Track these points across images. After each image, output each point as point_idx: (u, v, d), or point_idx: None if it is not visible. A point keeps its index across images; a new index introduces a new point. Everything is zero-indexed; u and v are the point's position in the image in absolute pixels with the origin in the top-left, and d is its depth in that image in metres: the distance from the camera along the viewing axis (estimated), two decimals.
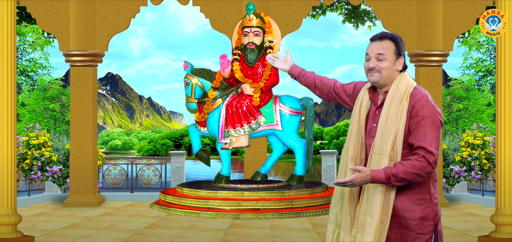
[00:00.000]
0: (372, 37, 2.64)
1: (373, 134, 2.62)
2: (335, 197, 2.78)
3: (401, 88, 2.57)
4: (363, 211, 2.58)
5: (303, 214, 7.12)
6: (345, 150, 2.74)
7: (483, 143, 8.63)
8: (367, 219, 2.55)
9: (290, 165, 21.27)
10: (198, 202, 7.29)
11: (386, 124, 2.55)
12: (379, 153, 2.54)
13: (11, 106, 5.01)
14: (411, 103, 2.53)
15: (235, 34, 7.84)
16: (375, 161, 2.55)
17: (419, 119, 2.49)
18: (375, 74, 2.58)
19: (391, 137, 2.52)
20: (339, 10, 15.26)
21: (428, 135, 2.47)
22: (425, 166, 2.45)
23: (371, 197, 2.55)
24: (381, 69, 2.57)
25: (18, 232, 5.09)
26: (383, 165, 2.51)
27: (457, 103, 14.78)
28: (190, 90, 7.72)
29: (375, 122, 2.63)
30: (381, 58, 2.57)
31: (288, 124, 7.70)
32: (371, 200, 2.55)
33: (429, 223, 2.57)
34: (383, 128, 2.55)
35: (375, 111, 2.66)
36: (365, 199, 2.58)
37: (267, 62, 7.55)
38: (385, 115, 2.55)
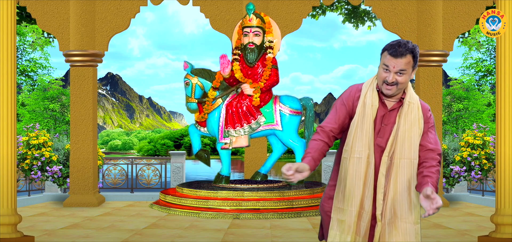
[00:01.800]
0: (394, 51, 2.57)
1: (382, 134, 2.64)
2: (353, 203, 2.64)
3: (414, 96, 2.70)
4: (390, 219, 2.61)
5: (303, 214, 7.12)
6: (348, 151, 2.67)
7: (483, 143, 8.63)
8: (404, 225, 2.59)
9: None
10: (198, 202, 7.29)
11: (409, 130, 2.63)
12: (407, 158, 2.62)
13: (11, 106, 5.01)
14: (425, 112, 2.70)
15: (235, 34, 7.84)
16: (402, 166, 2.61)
17: (429, 126, 2.69)
18: (392, 88, 2.60)
19: (416, 143, 2.63)
20: (339, 10, 15.27)
21: (437, 139, 2.73)
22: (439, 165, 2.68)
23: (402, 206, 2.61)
24: (399, 83, 2.60)
25: (18, 232, 5.09)
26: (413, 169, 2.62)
27: (457, 103, 14.78)
28: (190, 90, 7.72)
29: (386, 123, 2.65)
30: (402, 73, 2.59)
31: (288, 124, 7.70)
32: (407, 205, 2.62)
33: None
34: (405, 135, 2.62)
35: (385, 112, 2.66)
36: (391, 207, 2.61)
37: (267, 62, 7.55)
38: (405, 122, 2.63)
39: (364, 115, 2.65)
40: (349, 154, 2.66)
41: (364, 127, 2.64)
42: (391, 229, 2.57)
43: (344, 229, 2.64)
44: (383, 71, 2.60)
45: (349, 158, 2.65)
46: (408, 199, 2.58)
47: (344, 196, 2.66)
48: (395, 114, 2.65)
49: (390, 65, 2.57)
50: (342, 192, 2.68)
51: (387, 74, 2.58)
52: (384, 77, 2.59)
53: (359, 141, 2.63)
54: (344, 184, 2.67)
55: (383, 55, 2.61)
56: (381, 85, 2.63)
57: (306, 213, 7.13)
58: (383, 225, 2.59)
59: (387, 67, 2.58)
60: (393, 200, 2.58)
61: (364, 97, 2.67)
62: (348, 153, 2.67)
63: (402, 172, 2.59)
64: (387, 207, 2.59)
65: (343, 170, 2.68)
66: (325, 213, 2.80)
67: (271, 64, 7.56)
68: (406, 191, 2.58)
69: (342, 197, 2.68)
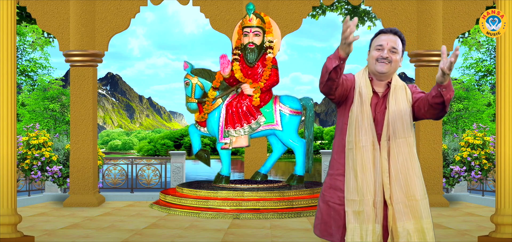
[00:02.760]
0: (384, 29, 2.78)
1: (378, 122, 2.73)
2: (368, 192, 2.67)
3: (399, 80, 2.82)
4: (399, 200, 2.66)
5: (303, 214, 7.11)
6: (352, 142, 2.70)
7: (483, 143, 8.63)
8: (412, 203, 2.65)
9: (290, 165, 21.27)
10: (198, 202, 7.29)
11: (399, 109, 2.71)
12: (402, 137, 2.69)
13: (11, 106, 5.01)
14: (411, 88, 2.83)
15: (235, 34, 7.84)
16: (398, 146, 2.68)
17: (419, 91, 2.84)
18: (386, 65, 2.72)
19: (408, 120, 2.71)
20: (339, 10, 15.27)
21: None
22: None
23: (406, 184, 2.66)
24: (392, 60, 2.73)
25: (18, 232, 5.09)
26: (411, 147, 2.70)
27: (457, 103, 14.78)
28: (190, 90, 7.72)
29: (379, 110, 2.74)
30: (394, 51, 2.73)
31: (288, 124, 7.70)
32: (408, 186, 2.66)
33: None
34: (396, 114, 2.70)
35: (377, 101, 2.76)
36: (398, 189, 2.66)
37: (267, 62, 7.55)
38: (395, 102, 2.72)
39: (362, 104, 2.73)
40: (354, 145, 2.70)
41: (364, 116, 2.71)
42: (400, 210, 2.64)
43: (363, 219, 2.65)
44: (376, 51, 2.74)
45: (355, 149, 2.69)
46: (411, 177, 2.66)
47: (357, 187, 2.67)
48: (385, 101, 2.76)
49: (383, 42, 2.73)
50: (353, 184, 2.68)
51: (381, 51, 2.73)
52: (377, 55, 2.73)
53: (361, 130, 2.70)
54: (354, 175, 2.68)
55: (375, 39, 2.78)
56: (373, 65, 2.75)
57: (306, 213, 7.12)
58: (393, 207, 2.65)
59: (380, 46, 2.73)
60: (396, 181, 2.65)
61: (359, 88, 2.76)
62: (352, 144, 2.71)
63: (399, 152, 2.67)
64: (392, 190, 2.65)
65: (351, 162, 2.70)
66: (325, 202, 2.78)
67: (271, 64, 7.56)
68: (407, 171, 2.66)
69: (354, 189, 2.68)
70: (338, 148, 2.81)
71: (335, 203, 2.75)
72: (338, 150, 2.81)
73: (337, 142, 2.83)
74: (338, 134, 2.82)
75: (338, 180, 2.77)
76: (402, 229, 2.64)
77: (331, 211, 2.75)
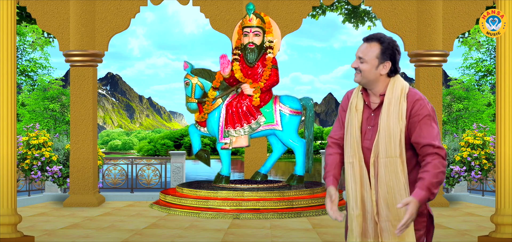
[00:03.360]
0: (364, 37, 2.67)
1: (368, 136, 2.63)
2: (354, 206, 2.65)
3: (397, 90, 2.60)
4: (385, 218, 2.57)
5: (303, 214, 7.11)
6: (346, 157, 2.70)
7: (483, 143, 8.63)
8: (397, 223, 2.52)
9: (290, 165, 21.27)
10: (198, 202, 7.29)
11: (388, 126, 2.55)
12: (389, 157, 2.54)
13: (11, 106, 5.01)
14: (410, 103, 2.56)
15: (235, 34, 7.84)
16: (386, 165, 2.55)
17: (420, 118, 2.53)
18: (357, 75, 2.63)
19: (397, 139, 2.53)
20: (339, 10, 15.27)
21: (432, 132, 2.52)
22: (442, 161, 2.50)
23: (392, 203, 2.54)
24: (362, 70, 2.60)
25: (18, 232, 5.09)
26: (397, 167, 2.54)
27: (457, 103, 14.78)
28: (190, 90, 7.72)
29: (370, 124, 2.64)
30: (362, 61, 2.60)
31: (288, 124, 7.70)
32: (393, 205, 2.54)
33: (423, 219, 2.62)
34: (386, 131, 2.55)
35: (370, 114, 2.66)
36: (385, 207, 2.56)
37: (267, 62, 7.55)
38: (386, 117, 2.56)
39: (349, 120, 2.68)
40: (346, 160, 2.70)
41: (351, 132, 2.66)
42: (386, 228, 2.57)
43: (352, 231, 2.68)
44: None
45: (346, 164, 2.69)
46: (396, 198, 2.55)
47: (348, 201, 2.70)
48: (378, 114, 2.63)
49: (356, 52, 2.65)
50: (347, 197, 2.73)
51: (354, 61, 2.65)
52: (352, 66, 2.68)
53: (349, 146, 2.66)
54: (346, 189, 2.72)
55: None
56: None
57: (306, 213, 7.12)
58: (379, 225, 2.60)
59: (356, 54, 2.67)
60: (383, 199, 2.57)
61: (350, 103, 2.72)
62: (345, 159, 2.71)
63: (387, 171, 2.56)
64: (379, 207, 2.58)
65: (344, 177, 2.74)
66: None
67: (271, 64, 7.56)
68: (393, 191, 2.55)
69: (348, 203, 2.72)
70: None
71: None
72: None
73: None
74: None
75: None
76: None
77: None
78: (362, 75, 2.60)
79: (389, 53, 2.59)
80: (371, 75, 2.60)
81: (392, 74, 2.62)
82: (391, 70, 2.61)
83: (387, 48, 2.59)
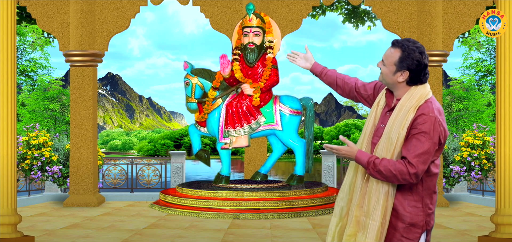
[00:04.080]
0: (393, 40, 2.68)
1: (379, 134, 2.66)
2: (343, 191, 2.78)
3: (412, 100, 2.57)
4: (365, 213, 2.61)
5: (303, 214, 7.11)
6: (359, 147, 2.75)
7: (483, 143, 8.63)
8: (368, 221, 2.58)
9: (290, 165, 21.28)
10: (198, 202, 7.28)
11: (391, 131, 2.58)
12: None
13: (11, 106, 5.01)
14: (416, 115, 2.52)
15: (235, 34, 7.83)
16: None
17: (416, 132, 2.50)
18: (380, 75, 2.69)
19: (393, 146, 2.55)
20: (339, 10, 15.26)
21: (418, 148, 2.47)
22: (404, 172, 2.47)
23: (373, 200, 2.59)
24: (381, 72, 2.66)
25: (18, 232, 5.09)
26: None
27: (457, 103, 14.78)
28: (190, 90, 7.72)
29: (383, 123, 2.67)
30: (384, 63, 2.65)
31: (288, 124, 7.69)
32: (373, 203, 2.59)
33: (417, 230, 2.59)
34: (387, 135, 2.59)
35: (386, 113, 2.70)
36: (367, 201, 2.61)
37: (267, 62, 7.55)
38: (392, 123, 2.59)
39: (373, 115, 2.75)
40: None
41: (365, 125, 2.75)
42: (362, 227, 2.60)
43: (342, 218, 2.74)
44: None
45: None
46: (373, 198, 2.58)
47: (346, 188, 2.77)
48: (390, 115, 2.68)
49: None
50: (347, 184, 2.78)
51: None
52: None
53: (361, 138, 2.74)
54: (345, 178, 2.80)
55: None
56: None
57: (306, 213, 7.12)
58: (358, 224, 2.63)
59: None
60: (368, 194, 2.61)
61: (378, 99, 2.78)
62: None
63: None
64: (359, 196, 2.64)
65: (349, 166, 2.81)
66: None
67: (271, 64, 7.56)
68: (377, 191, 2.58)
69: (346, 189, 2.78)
70: None
71: None
72: None
73: None
74: None
75: None
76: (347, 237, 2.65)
77: None
78: (382, 77, 2.67)
79: (408, 63, 2.56)
80: (388, 79, 2.63)
81: (411, 83, 2.59)
82: (410, 79, 2.58)
83: (406, 58, 2.56)
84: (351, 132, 43.18)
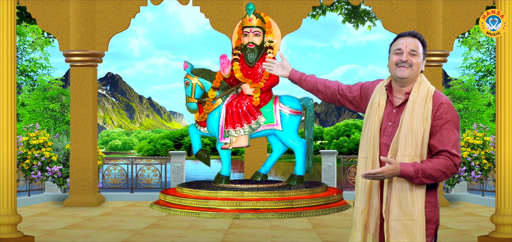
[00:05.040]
0: (403, 33, 2.67)
1: (388, 133, 2.61)
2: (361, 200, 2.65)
3: (423, 90, 2.58)
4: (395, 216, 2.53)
5: (303, 214, 7.10)
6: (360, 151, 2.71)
7: (483, 143, 8.63)
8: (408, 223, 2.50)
9: (290, 165, 21.28)
10: (198, 202, 7.27)
11: (411, 125, 2.52)
12: (408, 155, 2.51)
13: (11, 106, 5.01)
14: (435, 105, 2.54)
15: (235, 34, 7.83)
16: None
17: (443, 122, 2.51)
18: (406, 69, 2.58)
19: (419, 140, 2.51)
20: (339, 10, 15.26)
21: (452, 138, 2.50)
22: (451, 165, 2.49)
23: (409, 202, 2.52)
24: (413, 64, 2.58)
25: (18, 232, 5.09)
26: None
27: (457, 103, 14.78)
28: (190, 90, 7.72)
29: (391, 121, 2.61)
30: (414, 54, 2.59)
31: (288, 124, 7.69)
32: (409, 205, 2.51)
33: (432, 226, 2.60)
34: (408, 130, 2.52)
35: (391, 111, 2.64)
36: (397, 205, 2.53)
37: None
38: (409, 116, 2.54)
39: (370, 115, 2.67)
40: (360, 154, 2.70)
41: (370, 127, 2.65)
42: (395, 227, 2.53)
43: (356, 227, 2.67)
44: (395, 55, 2.61)
45: (360, 158, 2.69)
46: (411, 197, 2.52)
47: (356, 196, 2.71)
48: (401, 111, 2.60)
49: (402, 46, 2.60)
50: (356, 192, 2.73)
51: (400, 55, 2.59)
52: (396, 60, 2.60)
53: (366, 141, 2.66)
54: (356, 183, 2.73)
55: (394, 43, 2.66)
56: (394, 70, 2.61)
57: (306, 213, 7.11)
58: (389, 222, 2.56)
59: (399, 50, 2.60)
60: (396, 197, 2.54)
61: (373, 98, 2.70)
62: (359, 153, 2.71)
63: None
64: (391, 205, 2.55)
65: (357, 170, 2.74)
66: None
67: None
68: (408, 190, 2.52)
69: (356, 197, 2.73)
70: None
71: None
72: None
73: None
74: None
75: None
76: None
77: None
78: (412, 69, 2.59)
79: (425, 52, 2.66)
80: (418, 70, 2.61)
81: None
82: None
83: (425, 47, 2.65)
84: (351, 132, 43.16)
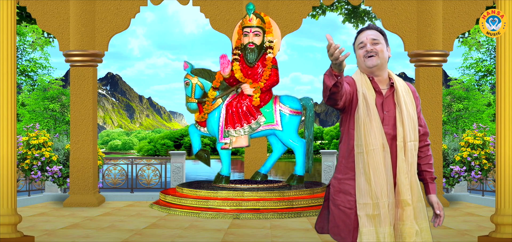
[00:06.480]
0: (360, 29, 2.83)
1: (387, 122, 2.70)
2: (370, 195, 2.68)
3: (400, 79, 2.81)
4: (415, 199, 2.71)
5: (303, 214, 7.11)
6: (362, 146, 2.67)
7: (483, 143, 8.63)
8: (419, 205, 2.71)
9: (290, 165, 21.27)
10: (198, 202, 7.29)
11: (408, 111, 2.72)
12: (414, 140, 2.72)
13: (11, 106, 5.01)
14: (413, 93, 2.82)
15: (235, 34, 7.84)
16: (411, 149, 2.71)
17: (420, 108, 2.85)
18: (374, 58, 2.71)
19: (416, 123, 2.75)
20: (339, 10, 15.27)
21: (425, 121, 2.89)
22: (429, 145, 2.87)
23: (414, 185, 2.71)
24: (378, 51, 2.71)
25: (18, 232, 5.09)
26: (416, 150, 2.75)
27: (457, 103, 14.78)
28: (190, 90, 7.72)
29: (387, 109, 2.71)
30: (376, 43, 2.73)
31: (288, 124, 7.70)
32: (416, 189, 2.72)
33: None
34: (409, 116, 2.71)
35: (382, 100, 2.72)
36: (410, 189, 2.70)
37: (267, 62, 7.55)
38: (405, 103, 2.72)
39: (368, 107, 2.68)
40: (364, 149, 2.67)
41: (372, 119, 2.67)
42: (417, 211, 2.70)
43: (380, 222, 2.66)
44: (360, 49, 2.76)
45: (366, 153, 2.66)
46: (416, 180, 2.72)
47: (370, 190, 2.67)
48: (391, 100, 2.73)
49: (363, 39, 2.74)
50: (364, 187, 2.68)
51: (364, 48, 2.73)
52: (363, 52, 2.73)
53: (370, 133, 2.66)
54: (365, 179, 2.67)
55: (356, 41, 2.80)
56: (363, 63, 2.74)
57: (306, 213, 7.12)
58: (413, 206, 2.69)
59: (362, 43, 2.74)
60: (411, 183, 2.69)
61: (363, 90, 2.72)
62: (362, 148, 2.68)
63: (411, 155, 2.69)
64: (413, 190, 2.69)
65: (361, 165, 2.69)
66: (336, 206, 2.78)
67: (271, 64, 7.57)
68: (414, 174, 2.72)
69: (366, 192, 2.68)
70: (346, 153, 2.77)
71: (346, 207, 2.75)
72: (346, 154, 2.77)
73: (345, 146, 2.78)
74: (345, 138, 2.78)
75: (348, 185, 2.75)
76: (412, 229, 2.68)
77: (342, 215, 2.76)
78: (380, 56, 2.72)
79: (386, 37, 2.80)
80: (385, 56, 2.75)
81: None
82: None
83: (383, 33, 2.79)
84: None
